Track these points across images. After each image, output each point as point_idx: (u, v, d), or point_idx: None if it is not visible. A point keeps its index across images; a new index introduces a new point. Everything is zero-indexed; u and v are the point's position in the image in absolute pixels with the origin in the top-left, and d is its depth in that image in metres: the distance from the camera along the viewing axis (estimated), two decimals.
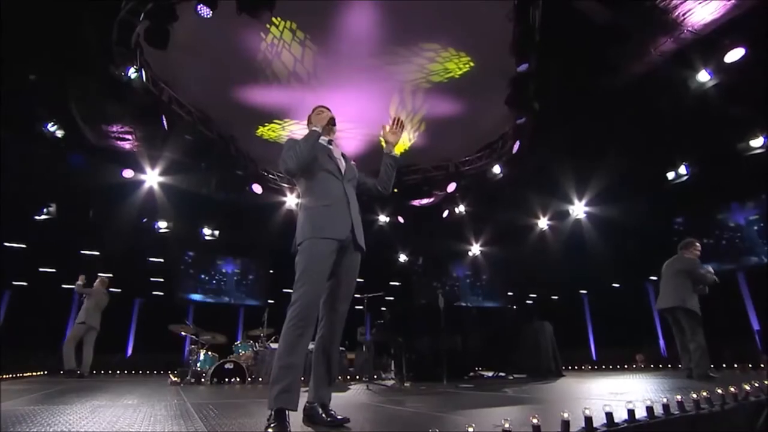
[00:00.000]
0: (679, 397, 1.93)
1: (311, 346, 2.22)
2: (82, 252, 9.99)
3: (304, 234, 2.13)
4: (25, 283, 9.21)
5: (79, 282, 7.02)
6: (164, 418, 2.35)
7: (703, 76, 6.51)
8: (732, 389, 2.16)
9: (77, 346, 6.72)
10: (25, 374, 7.01)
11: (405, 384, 5.23)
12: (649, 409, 1.76)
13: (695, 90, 6.64)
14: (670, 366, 8.12)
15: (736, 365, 6.63)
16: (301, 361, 1.93)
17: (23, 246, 9.20)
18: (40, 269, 9.30)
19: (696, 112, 6.93)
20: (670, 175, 8.62)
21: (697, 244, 5.23)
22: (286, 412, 1.81)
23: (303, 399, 2.17)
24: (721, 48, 6.14)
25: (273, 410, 1.81)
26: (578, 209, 10.72)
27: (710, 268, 5.02)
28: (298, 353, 1.92)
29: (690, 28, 6.01)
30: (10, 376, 7.00)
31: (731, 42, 6.03)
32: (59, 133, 7.43)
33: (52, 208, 8.73)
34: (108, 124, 8.04)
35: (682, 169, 8.45)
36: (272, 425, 1.75)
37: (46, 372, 7.81)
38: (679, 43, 6.28)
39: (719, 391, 2.10)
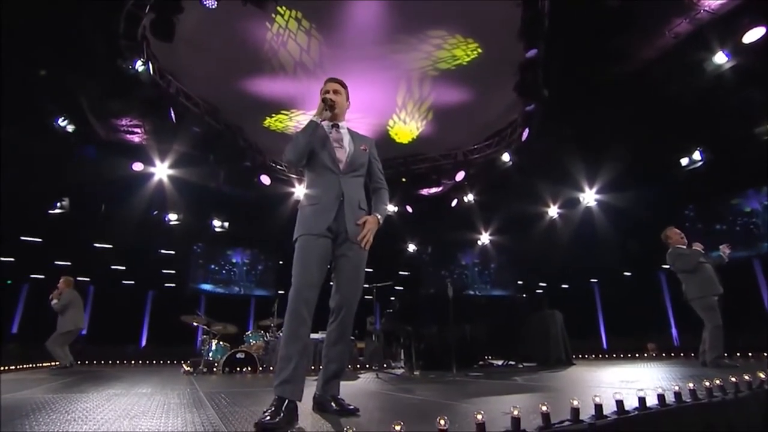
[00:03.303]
0: (691, 384, 1.90)
1: (322, 336, 2.20)
2: (95, 245, 10.17)
3: (295, 232, 2.15)
4: (42, 276, 9.42)
5: (55, 301, 6.28)
6: (177, 406, 2.40)
7: (720, 58, 6.30)
8: (746, 377, 2.12)
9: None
10: (44, 364, 7.19)
11: (414, 372, 5.27)
12: (661, 397, 1.74)
13: (711, 72, 6.45)
14: (682, 355, 8.03)
15: (750, 353, 6.53)
16: (299, 352, 1.93)
17: (39, 240, 9.39)
18: (56, 262, 9.49)
19: (712, 95, 6.73)
20: (684, 161, 8.44)
21: (669, 232, 4.91)
22: (286, 402, 1.82)
23: (313, 387, 2.19)
24: (739, 28, 5.92)
25: (274, 398, 1.83)
26: (589, 197, 10.56)
27: (697, 246, 4.73)
28: (296, 345, 1.93)
29: (706, 8, 5.81)
30: (31, 366, 7.21)
31: (750, 21, 5.81)
32: (70, 128, 7.51)
33: (65, 203, 8.86)
34: (117, 117, 8.10)
35: (696, 155, 8.26)
36: (268, 411, 1.77)
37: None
38: (694, 24, 6.08)
39: (733, 379, 2.06)
